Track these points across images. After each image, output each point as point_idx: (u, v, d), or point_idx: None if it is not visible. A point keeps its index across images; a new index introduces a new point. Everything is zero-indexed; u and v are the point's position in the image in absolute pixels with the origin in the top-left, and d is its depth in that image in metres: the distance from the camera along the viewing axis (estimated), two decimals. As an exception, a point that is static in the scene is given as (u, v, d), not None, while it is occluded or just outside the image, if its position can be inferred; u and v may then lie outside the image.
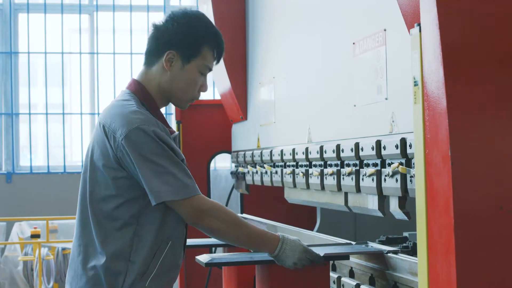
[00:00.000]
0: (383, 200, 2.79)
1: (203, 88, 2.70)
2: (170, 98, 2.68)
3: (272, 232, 2.69)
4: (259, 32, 4.60)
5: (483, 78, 1.90)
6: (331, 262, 3.19)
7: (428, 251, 1.98)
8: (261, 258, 2.77)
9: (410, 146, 2.52)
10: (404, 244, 3.05)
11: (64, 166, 8.74)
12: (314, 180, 3.37)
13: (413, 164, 2.47)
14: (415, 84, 2.04)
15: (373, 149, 2.76)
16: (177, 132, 2.66)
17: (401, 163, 2.58)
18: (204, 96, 2.82)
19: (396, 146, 2.59)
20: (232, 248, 3.40)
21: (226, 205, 5.20)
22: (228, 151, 5.24)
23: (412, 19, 2.30)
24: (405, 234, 3.35)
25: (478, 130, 1.87)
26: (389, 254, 2.78)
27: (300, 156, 3.57)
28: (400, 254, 2.77)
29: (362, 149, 2.87)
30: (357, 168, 2.94)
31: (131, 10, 8.95)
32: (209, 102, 5.32)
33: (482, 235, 1.85)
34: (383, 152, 2.71)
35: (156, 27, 2.65)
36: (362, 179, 2.87)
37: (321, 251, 2.77)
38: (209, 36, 2.65)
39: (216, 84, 5.15)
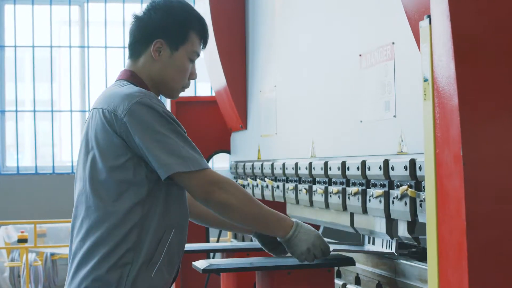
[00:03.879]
0: (391, 223, 2.79)
1: (193, 75, 2.76)
2: (161, 89, 2.73)
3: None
4: (260, 37, 4.58)
5: (496, 73, 1.89)
6: (335, 268, 3.20)
7: (439, 256, 1.98)
8: (261, 264, 2.77)
9: (420, 168, 2.52)
10: (413, 249, 3.06)
11: (53, 166, 8.74)
12: (318, 198, 3.38)
13: (423, 187, 2.48)
14: (425, 80, 2.04)
15: (380, 169, 2.77)
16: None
17: (410, 186, 2.59)
18: (201, 92, 2.83)
19: (405, 168, 2.59)
20: (231, 253, 3.40)
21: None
22: (227, 150, 5.22)
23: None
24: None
25: (492, 128, 1.87)
26: (397, 260, 2.79)
27: (303, 171, 3.57)
28: (409, 259, 2.77)
29: (369, 168, 2.87)
30: (364, 188, 2.94)
31: (124, 1, 8.95)
32: (206, 99, 5.28)
33: (496, 239, 1.85)
34: (391, 173, 2.72)
35: (138, 18, 2.71)
36: (369, 200, 2.88)
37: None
38: (194, 21, 2.72)
39: (214, 90, 5.12)
